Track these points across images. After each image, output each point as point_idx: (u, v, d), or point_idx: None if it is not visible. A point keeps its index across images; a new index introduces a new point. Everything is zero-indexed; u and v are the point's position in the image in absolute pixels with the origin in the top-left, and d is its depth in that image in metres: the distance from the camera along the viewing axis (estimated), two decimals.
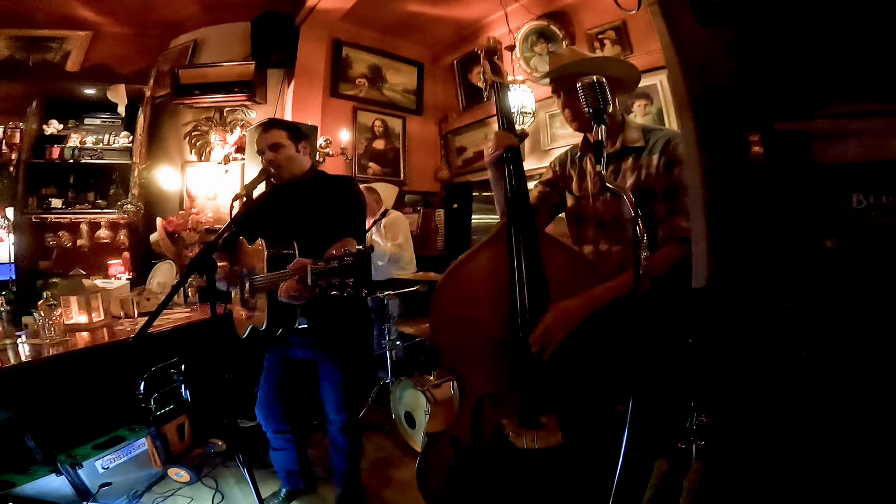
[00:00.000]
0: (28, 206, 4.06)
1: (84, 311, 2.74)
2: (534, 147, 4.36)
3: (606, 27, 3.81)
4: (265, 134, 2.12)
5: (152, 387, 2.71)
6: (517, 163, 1.57)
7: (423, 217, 4.99)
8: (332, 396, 2.18)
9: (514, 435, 1.43)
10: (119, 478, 2.44)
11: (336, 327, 2.10)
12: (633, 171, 1.59)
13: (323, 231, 1.96)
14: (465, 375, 1.54)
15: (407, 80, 5.10)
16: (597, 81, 1.32)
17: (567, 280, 1.47)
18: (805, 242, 1.13)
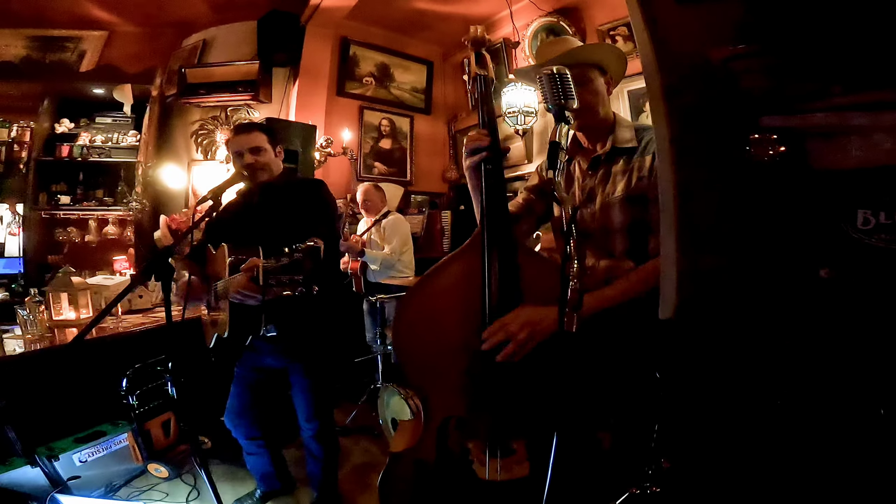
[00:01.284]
0: (38, 203, 4.18)
1: (73, 308, 2.76)
2: (542, 148, 4.22)
3: (618, 23, 3.66)
4: (246, 136, 2.07)
5: (136, 383, 2.72)
6: (496, 167, 1.37)
7: (429, 218, 4.90)
8: (302, 404, 2.15)
9: (478, 463, 1.31)
10: (97, 471, 2.46)
11: (304, 334, 2.06)
12: (624, 175, 1.44)
13: (291, 235, 1.88)
14: (430, 394, 1.42)
15: (416, 78, 5.03)
16: (557, 73, 1.14)
17: (545, 296, 1.27)
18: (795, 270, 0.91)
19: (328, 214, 2.11)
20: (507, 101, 3.79)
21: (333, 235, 2.13)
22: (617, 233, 1.44)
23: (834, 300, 0.92)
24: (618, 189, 1.44)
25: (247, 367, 2.20)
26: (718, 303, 1.02)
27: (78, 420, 2.56)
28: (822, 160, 0.92)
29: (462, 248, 1.37)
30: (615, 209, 1.44)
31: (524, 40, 4.19)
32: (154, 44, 4.44)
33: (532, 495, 1.23)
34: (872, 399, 0.88)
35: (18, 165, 4.09)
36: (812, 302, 0.93)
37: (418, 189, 5.05)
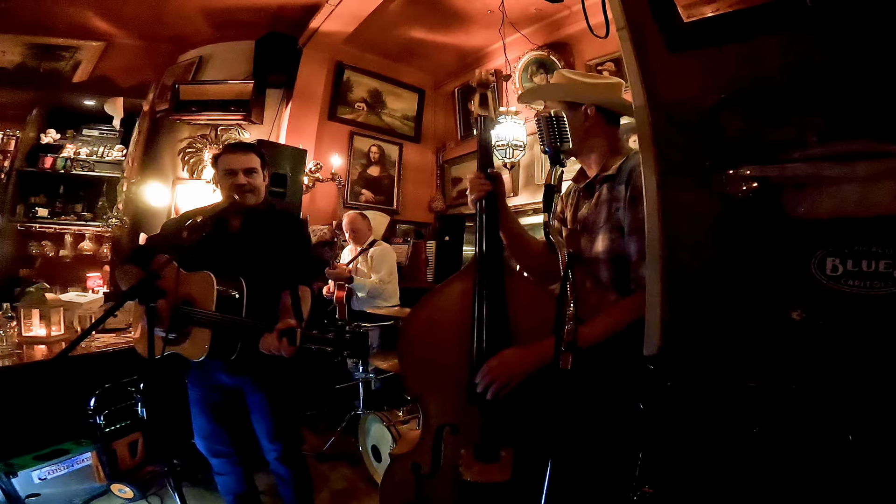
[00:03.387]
0: (15, 214, 4.07)
1: (44, 325, 2.69)
2: (527, 181, 4.28)
3: (606, 58, 3.79)
4: (243, 155, 2.03)
5: (105, 403, 2.68)
6: (491, 206, 1.51)
7: (414, 248, 4.89)
8: (263, 425, 2.07)
9: (464, 466, 1.42)
10: (56, 489, 2.43)
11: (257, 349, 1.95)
12: (607, 203, 1.50)
13: (272, 270, 1.93)
14: (428, 403, 1.55)
15: (407, 106, 5.09)
16: (553, 115, 1.25)
17: (533, 320, 1.42)
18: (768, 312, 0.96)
19: (311, 255, 2.17)
20: (495, 133, 3.83)
21: (311, 277, 2.16)
22: (602, 262, 1.49)
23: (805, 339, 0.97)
24: (601, 218, 1.50)
25: (201, 386, 2.10)
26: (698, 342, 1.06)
27: (40, 437, 2.51)
28: (797, 210, 0.97)
29: (459, 273, 1.52)
30: (598, 238, 1.50)
31: (514, 73, 4.28)
32: (150, 58, 4.43)
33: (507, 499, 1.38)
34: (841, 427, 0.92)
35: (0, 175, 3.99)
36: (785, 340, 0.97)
37: (404, 218, 5.05)
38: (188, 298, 1.89)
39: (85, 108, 4.40)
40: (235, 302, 1.83)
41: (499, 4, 3.82)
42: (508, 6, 3.81)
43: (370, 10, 3.90)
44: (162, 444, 2.57)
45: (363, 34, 4.32)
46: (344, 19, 4.05)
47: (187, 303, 1.89)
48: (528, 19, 4.15)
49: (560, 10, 4.01)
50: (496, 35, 4.29)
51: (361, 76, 4.81)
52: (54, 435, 2.56)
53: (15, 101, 4.25)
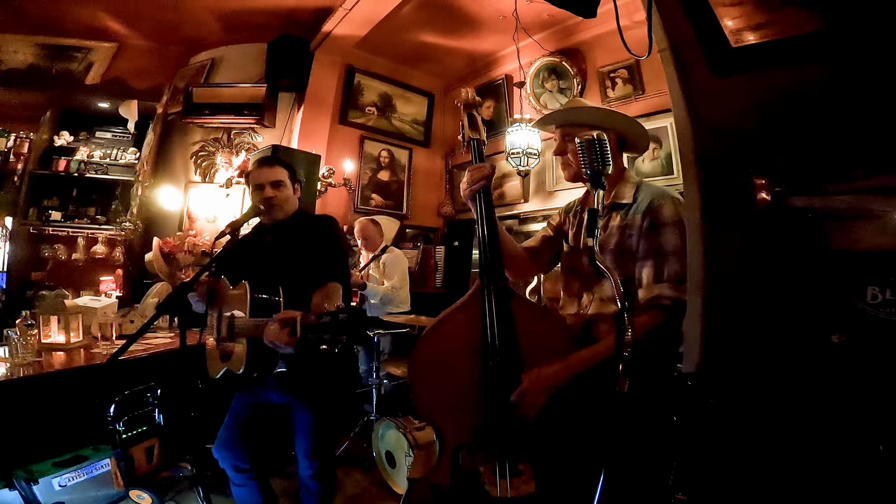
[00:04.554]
0: (28, 217, 4.07)
1: (62, 331, 2.68)
2: (538, 188, 4.29)
3: (619, 66, 3.80)
4: (269, 169, 2.06)
5: (124, 409, 2.68)
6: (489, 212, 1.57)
7: (423, 253, 4.90)
8: (303, 443, 2.09)
9: (489, 483, 1.44)
10: (76, 496, 2.39)
11: (313, 371, 2.00)
12: (619, 230, 1.54)
13: (305, 274, 1.92)
14: (443, 427, 1.55)
15: (416, 110, 5.09)
16: (597, 138, 1.27)
17: (537, 337, 1.48)
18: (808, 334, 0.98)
19: (342, 254, 2.12)
20: (510, 140, 3.85)
21: (346, 275, 2.12)
22: (606, 279, 1.52)
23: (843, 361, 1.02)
24: (612, 242, 1.54)
25: (246, 400, 2.13)
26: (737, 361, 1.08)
27: (60, 443, 2.49)
28: (840, 242, 0.99)
29: (465, 299, 1.54)
30: (607, 259, 1.53)
31: (526, 79, 4.28)
32: (162, 59, 4.42)
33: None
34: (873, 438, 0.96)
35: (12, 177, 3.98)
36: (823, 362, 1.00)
37: (413, 223, 5.05)
38: (231, 311, 1.93)
39: (98, 111, 4.40)
40: (272, 308, 1.82)
41: (511, 10, 3.82)
42: (520, 11, 3.81)
43: (383, 14, 3.91)
44: (190, 452, 2.61)
45: (374, 38, 4.32)
46: (356, 23, 4.05)
47: (233, 316, 1.92)
48: (539, 25, 4.16)
49: (572, 16, 4.00)
50: (506, 40, 4.30)
51: (371, 80, 4.82)
52: (71, 440, 2.55)
53: (28, 103, 4.25)
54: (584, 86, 4.02)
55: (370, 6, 3.80)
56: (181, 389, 2.86)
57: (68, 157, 4.18)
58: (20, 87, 4.21)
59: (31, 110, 4.28)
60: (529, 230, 4.33)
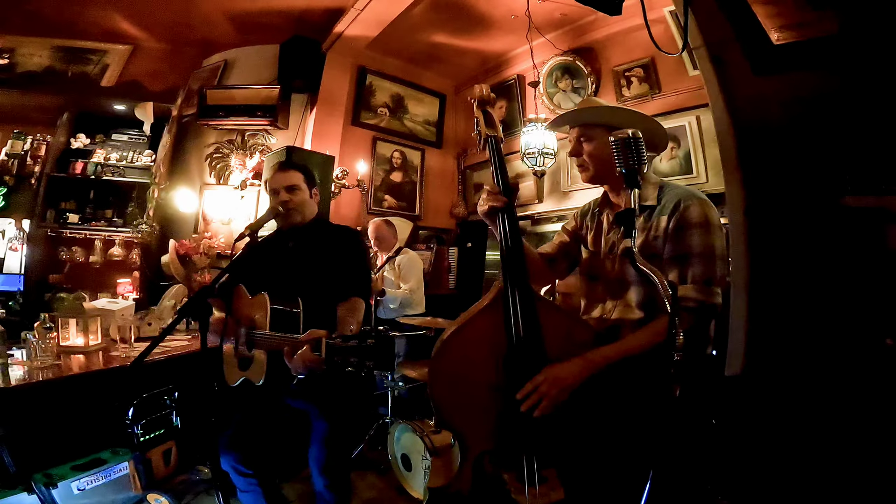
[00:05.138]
0: (45, 219, 4.10)
1: (81, 334, 2.69)
2: (553, 188, 4.26)
3: (634, 64, 3.76)
4: (283, 174, 2.07)
5: (142, 412, 2.68)
6: (511, 216, 1.53)
7: (437, 255, 4.88)
8: (317, 454, 2.08)
9: (516, 491, 1.40)
10: (94, 500, 2.37)
11: (332, 382, 2.00)
12: (642, 232, 1.52)
13: (329, 286, 1.92)
14: (465, 434, 1.52)
15: (428, 111, 5.08)
16: (632, 136, 1.24)
17: (563, 341, 1.45)
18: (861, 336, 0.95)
19: (366, 270, 2.12)
20: (525, 141, 3.82)
21: (369, 293, 2.13)
22: (632, 284, 1.52)
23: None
24: (635, 244, 1.48)
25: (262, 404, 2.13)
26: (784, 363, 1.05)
27: (78, 446, 2.48)
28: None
29: (486, 303, 1.49)
30: (629, 262, 1.49)
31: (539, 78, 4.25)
32: (175, 61, 4.44)
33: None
34: None
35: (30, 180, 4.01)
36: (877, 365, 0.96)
37: (426, 224, 5.04)
38: (251, 320, 1.92)
39: (113, 113, 4.44)
40: (292, 320, 1.82)
41: (523, 9, 3.79)
42: (532, 11, 3.78)
43: (395, 15, 3.90)
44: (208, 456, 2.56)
45: (385, 39, 4.31)
46: (368, 24, 4.04)
47: (252, 326, 1.91)
48: (552, 24, 4.12)
49: (586, 15, 3.98)
50: (518, 40, 4.27)
51: (383, 81, 4.81)
52: (90, 444, 2.54)
53: (44, 105, 4.29)
54: (599, 85, 3.99)
55: (382, 7, 3.79)
56: (199, 393, 2.86)
57: (85, 159, 4.21)
58: (36, 90, 4.25)
59: (47, 113, 4.31)
60: (544, 231, 4.30)
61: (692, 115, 3.27)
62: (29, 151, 4.17)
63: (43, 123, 4.28)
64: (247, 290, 2.00)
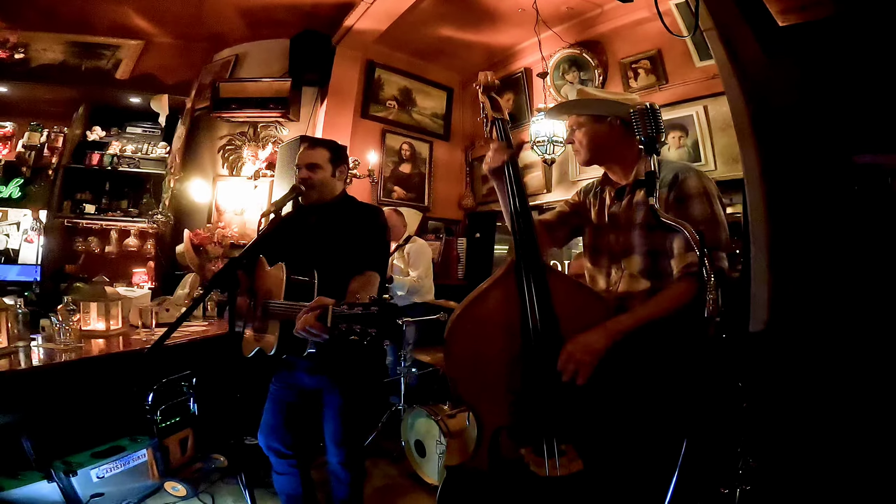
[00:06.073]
0: (62, 210, 4.16)
1: (102, 318, 2.72)
2: (561, 178, 4.30)
3: (641, 56, 3.80)
4: (308, 151, 2.09)
5: (161, 399, 2.67)
6: (516, 170, 1.60)
7: (446, 245, 4.94)
8: (332, 428, 2.09)
9: (534, 464, 1.43)
10: (113, 488, 2.35)
11: (344, 355, 2.00)
12: (643, 204, 1.58)
13: (345, 260, 1.93)
14: (481, 410, 1.54)
15: (436, 104, 5.13)
16: (650, 107, 1.31)
17: (574, 311, 1.48)
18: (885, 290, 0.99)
19: (384, 245, 2.13)
20: (534, 130, 3.87)
21: (386, 266, 2.14)
22: (636, 254, 1.59)
23: None
24: (638, 216, 1.59)
25: (282, 383, 2.16)
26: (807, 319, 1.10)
27: (97, 433, 2.47)
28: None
29: (498, 276, 1.53)
30: (635, 234, 1.59)
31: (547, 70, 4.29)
32: (187, 56, 4.51)
33: (592, 486, 1.42)
34: None
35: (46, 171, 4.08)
36: None
37: (435, 215, 5.09)
38: (268, 292, 1.95)
39: (128, 106, 4.50)
40: (307, 291, 1.84)
41: (530, 2, 3.83)
42: (540, 4, 3.82)
43: (404, 8, 3.94)
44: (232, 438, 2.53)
45: (393, 33, 4.36)
46: (378, 17, 4.09)
47: (269, 296, 1.94)
48: (559, 17, 4.16)
49: (592, 8, 4.03)
50: (525, 33, 4.32)
51: (392, 74, 4.86)
52: (109, 430, 2.53)
53: (59, 99, 4.35)
54: (606, 77, 4.03)
55: (391, 1, 3.84)
56: (223, 374, 2.86)
57: (101, 151, 4.28)
58: (52, 84, 4.31)
59: (63, 106, 4.38)
60: None
61: (700, 104, 3.31)
62: (45, 143, 4.23)
63: (58, 117, 4.35)
64: (267, 262, 2.03)
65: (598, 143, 1.66)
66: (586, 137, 1.66)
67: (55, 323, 2.41)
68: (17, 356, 2.24)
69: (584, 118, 1.66)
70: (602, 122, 1.64)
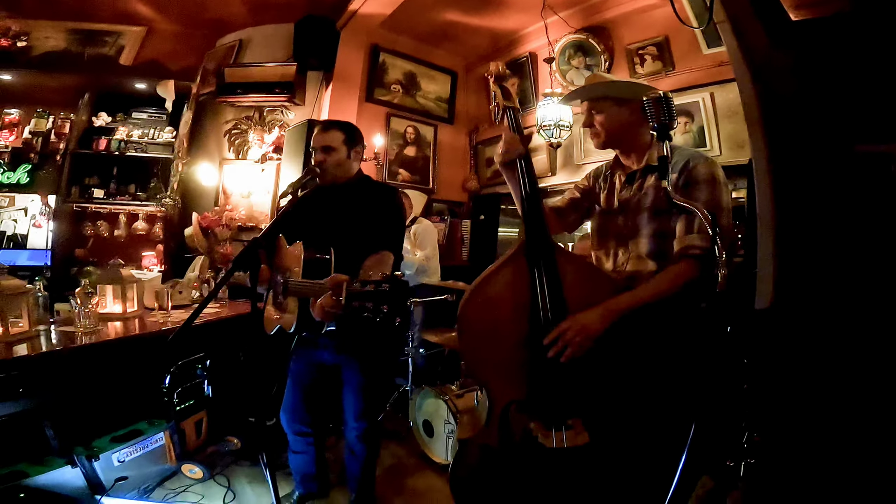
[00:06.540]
0: (70, 195, 4.19)
1: (119, 301, 2.75)
2: (566, 161, 4.33)
3: (647, 43, 3.78)
4: (321, 134, 2.12)
5: (177, 381, 2.70)
6: (528, 163, 1.64)
7: (451, 227, 4.99)
8: (352, 402, 2.16)
9: (543, 436, 1.49)
10: (133, 471, 2.38)
11: (363, 332, 2.06)
12: (654, 188, 1.63)
13: (361, 238, 1.97)
14: (492, 385, 1.59)
15: (440, 88, 5.14)
16: (663, 96, 1.36)
17: (584, 292, 1.52)
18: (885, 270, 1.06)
19: (399, 224, 2.18)
20: (540, 114, 3.89)
21: (401, 245, 2.18)
22: (644, 237, 1.64)
23: None
24: (647, 200, 1.65)
25: (302, 362, 2.22)
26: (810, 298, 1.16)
27: (116, 417, 2.48)
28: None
29: (509, 256, 1.59)
30: (643, 217, 1.65)
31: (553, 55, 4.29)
32: (190, 42, 4.48)
33: (599, 457, 1.48)
34: None
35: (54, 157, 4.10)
36: None
37: (439, 197, 5.13)
38: (288, 269, 2.00)
39: (133, 91, 4.50)
40: (324, 268, 1.88)
41: None
42: None
43: None
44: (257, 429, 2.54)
45: (398, 17, 4.33)
46: (382, 2, 4.07)
47: (288, 274, 1.99)
48: (565, 2, 4.13)
49: None
50: (529, 18, 4.30)
51: (396, 59, 4.85)
52: (127, 414, 2.54)
53: (64, 86, 4.34)
54: (612, 63, 4.03)
55: None
56: (236, 356, 2.90)
57: (108, 136, 4.29)
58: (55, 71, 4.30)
59: (67, 94, 4.37)
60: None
61: (706, 91, 3.32)
62: (52, 130, 4.24)
63: (64, 104, 4.35)
64: (286, 241, 2.08)
65: (618, 126, 1.69)
66: (607, 121, 1.69)
67: (74, 306, 2.44)
68: (38, 340, 2.26)
69: (605, 103, 1.69)
70: (624, 105, 1.68)
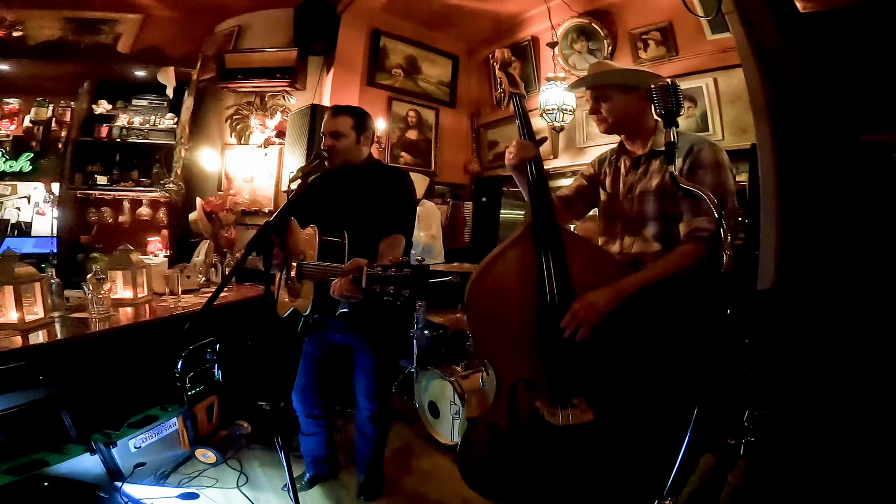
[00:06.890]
0: (74, 182, 4.19)
1: (129, 287, 2.76)
2: (568, 144, 4.35)
3: (651, 28, 3.76)
4: (332, 119, 2.14)
5: (188, 366, 2.74)
6: (538, 166, 1.67)
7: (453, 209, 5.02)
8: (364, 384, 2.20)
9: (549, 414, 1.54)
10: (149, 457, 2.41)
11: (375, 314, 2.10)
12: (659, 173, 1.67)
13: (373, 221, 2.00)
14: (499, 364, 1.64)
15: (442, 72, 5.12)
16: (671, 84, 1.40)
17: (589, 272, 1.56)
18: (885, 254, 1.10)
19: (410, 206, 2.20)
20: (543, 98, 3.90)
21: (412, 228, 2.20)
22: (650, 220, 1.69)
23: None
24: (652, 184, 1.68)
25: (315, 343, 2.26)
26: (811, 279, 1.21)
27: (131, 404, 2.50)
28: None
29: (516, 237, 1.63)
30: (649, 201, 1.69)
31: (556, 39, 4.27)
32: (188, 28, 4.43)
33: (603, 435, 1.52)
34: None
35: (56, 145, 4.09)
36: None
37: (441, 180, 5.15)
38: (302, 253, 2.03)
39: (133, 79, 4.46)
40: (338, 251, 1.92)
41: None
42: None
43: None
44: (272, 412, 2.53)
45: (398, 1, 4.32)
46: None
47: (302, 257, 2.02)
48: None
49: None
50: (532, 1, 4.27)
51: (397, 43, 4.82)
52: (141, 400, 2.56)
53: (63, 74, 4.30)
54: (615, 47, 4.02)
55: None
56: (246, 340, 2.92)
57: (109, 124, 4.28)
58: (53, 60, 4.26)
59: (67, 82, 4.33)
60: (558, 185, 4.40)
61: (709, 77, 3.32)
62: (53, 118, 4.22)
63: (64, 92, 4.33)
64: (298, 225, 2.10)
65: (624, 113, 1.73)
66: (615, 108, 1.73)
67: (87, 293, 2.45)
68: (53, 327, 2.27)
69: (612, 90, 1.73)
70: (630, 93, 1.71)
